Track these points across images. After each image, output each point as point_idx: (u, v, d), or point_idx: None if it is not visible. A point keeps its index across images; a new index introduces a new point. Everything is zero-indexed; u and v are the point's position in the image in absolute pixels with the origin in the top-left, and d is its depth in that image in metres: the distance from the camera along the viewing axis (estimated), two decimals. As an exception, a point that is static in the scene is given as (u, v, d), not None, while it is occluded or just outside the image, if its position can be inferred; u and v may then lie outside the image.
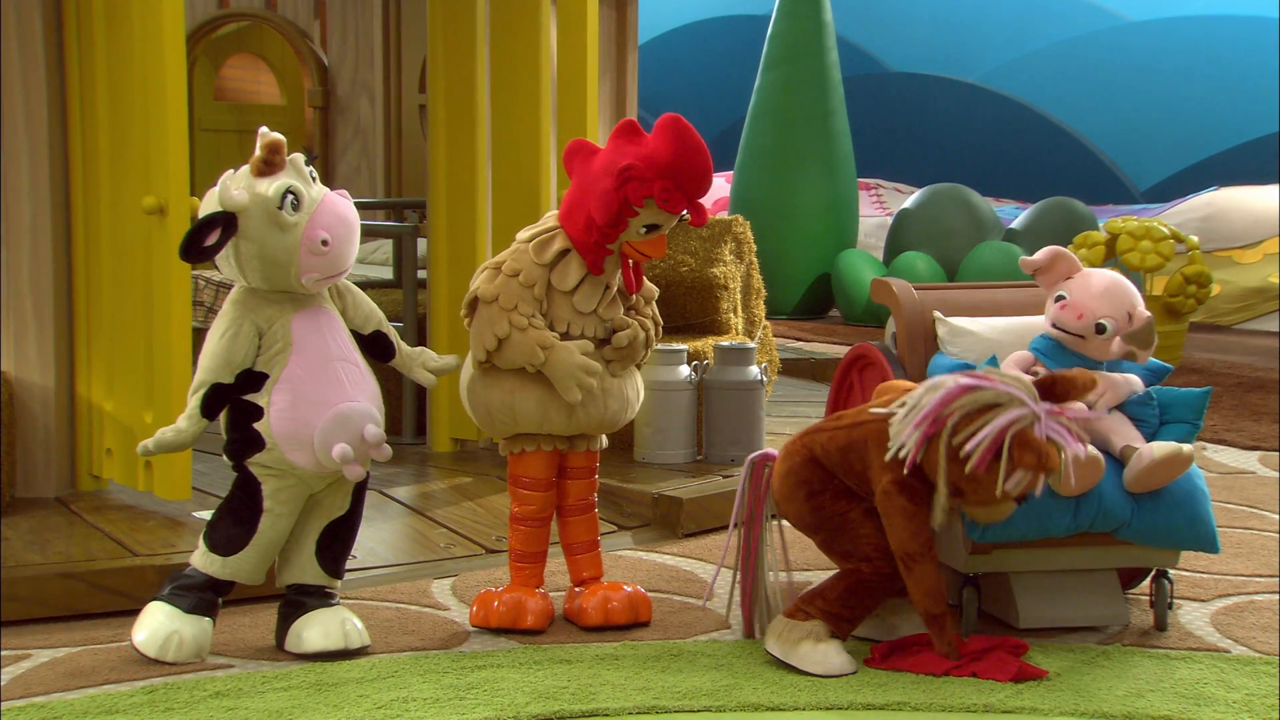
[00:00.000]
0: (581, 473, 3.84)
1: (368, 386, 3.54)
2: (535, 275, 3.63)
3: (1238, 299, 10.53)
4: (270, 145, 3.38)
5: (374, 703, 3.24)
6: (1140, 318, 3.75)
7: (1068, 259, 3.81)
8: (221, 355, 3.42)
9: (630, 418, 3.84)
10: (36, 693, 3.31)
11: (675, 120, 3.48)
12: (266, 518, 3.50)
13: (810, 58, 10.79)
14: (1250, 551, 4.58)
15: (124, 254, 4.51)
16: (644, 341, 3.73)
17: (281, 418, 3.43)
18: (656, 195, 3.48)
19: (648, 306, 3.79)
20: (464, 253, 5.50)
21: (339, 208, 3.44)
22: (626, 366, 3.74)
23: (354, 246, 3.50)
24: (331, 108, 8.90)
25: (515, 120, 5.37)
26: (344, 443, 3.43)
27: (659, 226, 3.57)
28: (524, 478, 3.78)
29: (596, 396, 3.67)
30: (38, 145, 4.62)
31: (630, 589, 3.82)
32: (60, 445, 4.71)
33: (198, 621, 3.49)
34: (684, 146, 3.46)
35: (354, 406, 3.47)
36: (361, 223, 3.55)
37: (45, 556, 4.01)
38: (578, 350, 3.60)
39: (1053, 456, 3.26)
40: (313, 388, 3.44)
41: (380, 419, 3.53)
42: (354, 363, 3.54)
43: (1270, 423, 6.80)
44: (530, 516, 3.80)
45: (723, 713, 3.23)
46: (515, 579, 3.83)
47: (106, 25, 4.52)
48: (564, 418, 3.68)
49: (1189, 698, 3.31)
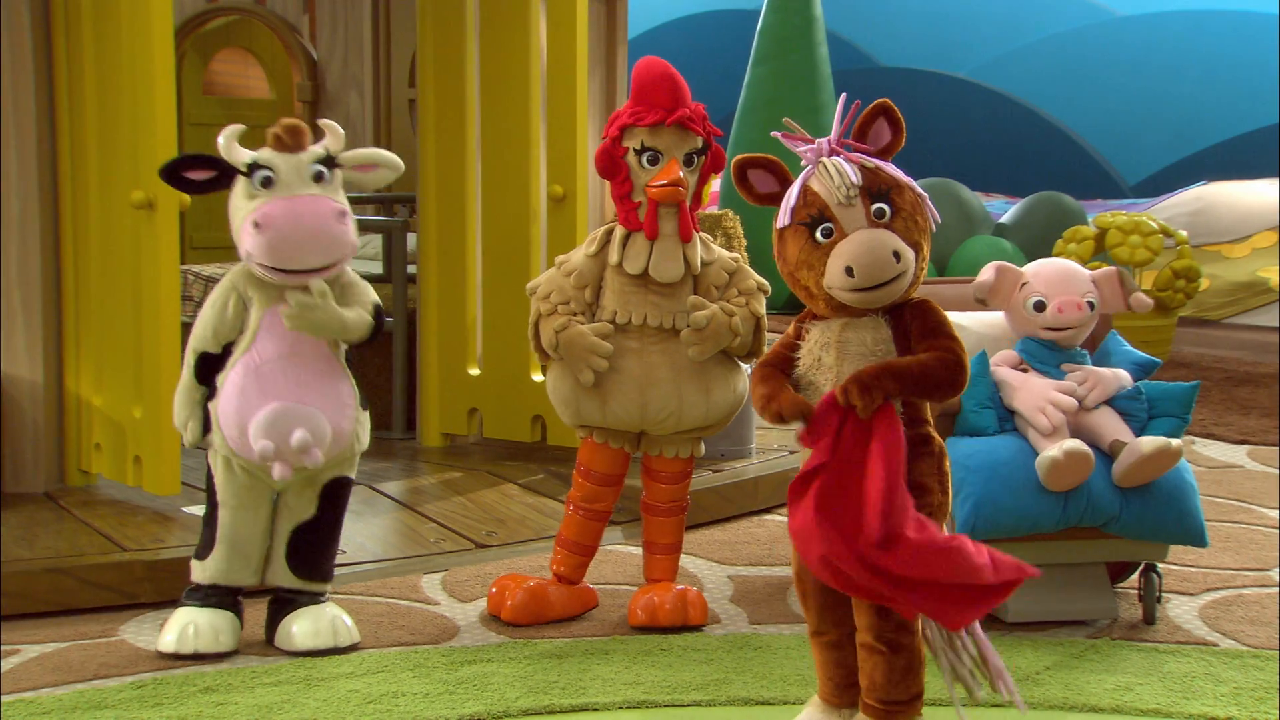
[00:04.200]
0: (662, 477, 3.82)
1: (328, 391, 3.47)
2: (578, 264, 3.69)
3: (1226, 293, 10.55)
4: (287, 125, 3.41)
5: (364, 697, 3.24)
6: (1107, 277, 3.78)
7: (1010, 270, 3.81)
8: (210, 324, 3.49)
9: (701, 424, 3.72)
10: (25, 688, 3.30)
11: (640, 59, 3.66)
12: (222, 511, 3.52)
13: (800, 52, 10.79)
14: (1239, 545, 4.60)
15: (113, 248, 4.50)
16: (728, 327, 3.63)
17: (228, 403, 3.44)
18: (630, 118, 3.61)
19: (744, 298, 3.70)
20: (454, 247, 5.49)
21: (297, 205, 3.35)
22: (708, 352, 3.63)
23: (295, 253, 3.34)
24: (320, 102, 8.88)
25: (505, 115, 5.37)
26: (271, 441, 3.38)
27: (657, 154, 3.59)
28: (581, 463, 3.82)
29: (627, 388, 3.64)
30: (25, 139, 4.61)
31: (683, 589, 3.78)
32: (49, 440, 4.70)
33: (214, 613, 3.52)
34: (642, 68, 3.64)
35: (293, 407, 3.41)
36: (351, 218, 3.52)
37: (34, 552, 4.01)
38: (591, 333, 3.61)
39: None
40: (263, 380, 3.43)
41: (326, 427, 3.44)
42: (320, 364, 3.48)
43: (1259, 417, 6.82)
44: (579, 502, 3.81)
45: (713, 707, 3.24)
46: (553, 562, 3.85)
47: (95, 19, 4.50)
48: (597, 407, 3.67)
49: (1177, 691, 3.32)
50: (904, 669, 2.77)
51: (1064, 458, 3.53)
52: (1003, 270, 3.80)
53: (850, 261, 2.67)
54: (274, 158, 3.39)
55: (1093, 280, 3.79)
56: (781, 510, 5.05)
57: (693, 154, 3.64)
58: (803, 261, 2.75)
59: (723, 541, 4.64)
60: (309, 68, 8.85)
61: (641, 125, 3.60)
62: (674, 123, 3.59)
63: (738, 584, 4.19)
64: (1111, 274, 3.81)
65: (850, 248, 2.68)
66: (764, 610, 3.93)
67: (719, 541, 4.64)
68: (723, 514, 4.91)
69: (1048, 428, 3.62)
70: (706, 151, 3.68)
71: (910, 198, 2.75)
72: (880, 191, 2.71)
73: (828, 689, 2.93)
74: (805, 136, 2.76)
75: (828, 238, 2.72)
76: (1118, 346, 3.92)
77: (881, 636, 2.77)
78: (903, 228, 2.71)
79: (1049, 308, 3.73)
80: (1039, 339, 3.78)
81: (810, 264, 2.74)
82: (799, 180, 2.78)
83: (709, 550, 4.53)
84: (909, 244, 2.71)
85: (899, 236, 2.70)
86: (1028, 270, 3.81)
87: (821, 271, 2.72)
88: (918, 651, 2.79)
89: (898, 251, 2.68)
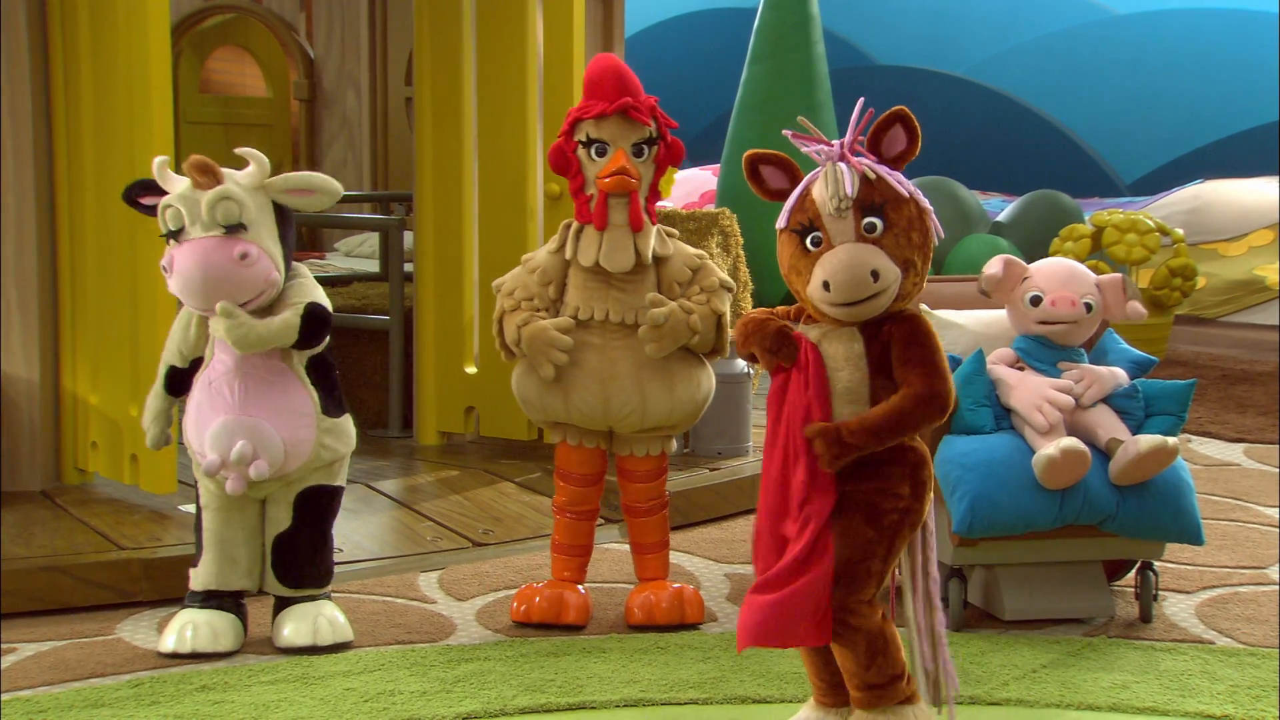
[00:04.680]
0: (635, 476, 3.81)
1: (279, 403, 3.47)
2: (542, 261, 3.71)
3: (1223, 292, 10.55)
4: (197, 164, 3.40)
5: (360, 696, 3.24)
6: (1111, 283, 3.78)
7: (1017, 264, 3.82)
8: (175, 340, 3.62)
9: (665, 421, 3.70)
10: (22, 686, 3.30)
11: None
12: (206, 514, 3.57)
13: (797, 51, 10.78)
14: (1235, 543, 4.60)
15: (109, 247, 4.49)
16: (686, 324, 3.61)
17: (188, 416, 3.54)
18: (578, 111, 3.66)
19: (705, 295, 3.68)
20: (450, 245, 5.49)
21: (194, 252, 3.34)
22: (666, 349, 3.62)
23: (204, 294, 3.35)
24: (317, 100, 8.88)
25: (502, 113, 5.37)
26: (218, 454, 3.43)
27: (604, 145, 3.61)
28: (559, 467, 3.82)
29: (589, 383, 3.64)
30: (22, 137, 4.61)
31: (679, 588, 3.79)
32: (45, 439, 4.70)
33: (213, 614, 3.54)
34: (591, 65, 3.70)
35: (238, 420, 3.44)
36: (348, 215, 3.55)
37: (30, 550, 4.00)
38: (552, 327, 3.61)
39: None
40: (213, 394, 3.48)
41: (276, 438, 3.44)
42: (271, 376, 3.49)
43: (1255, 415, 6.82)
44: (564, 507, 3.81)
45: (710, 705, 3.24)
46: (553, 569, 3.84)
47: (91, 17, 4.50)
48: (560, 403, 3.67)
49: (1174, 689, 3.32)
50: (866, 651, 2.75)
51: (1060, 456, 3.53)
52: (1010, 264, 3.81)
53: (828, 276, 2.67)
54: (181, 200, 3.40)
55: (1096, 284, 3.79)
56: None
57: (641, 144, 3.63)
58: (793, 267, 2.75)
59: (719, 540, 4.64)
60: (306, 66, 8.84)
61: (588, 117, 3.63)
62: (615, 111, 3.60)
63: (734, 582, 4.19)
64: (1116, 280, 3.80)
65: (830, 262, 2.67)
66: (761, 608, 3.93)
67: (716, 540, 4.64)
68: (719, 512, 4.91)
69: (1044, 425, 3.62)
70: (657, 142, 3.66)
71: (909, 212, 2.71)
72: (874, 205, 2.69)
73: (819, 690, 2.93)
74: (820, 137, 2.74)
75: (816, 247, 2.71)
76: (1114, 345, 3.92)
77: (836, 621, 2.75)
78: (893, 243, 2.69)
79: (1043, 301, 3.74)
80: (1035, 336, 3.78)
81: (799, 270, 2.74)
82: (804, 181, 2.77)
83: (706, 548, 4.53)
84: (898, 261, 2.69)
85: (887, 253, 2.68)
86: (1033, 266, 3.82)
87: (808, 279, 2.72)
88: (878, 633, 2.76)
89: (877, 270, 2.66)
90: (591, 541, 3.86)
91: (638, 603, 3.76)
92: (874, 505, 2.75)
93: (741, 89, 11.06)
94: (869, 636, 2.75)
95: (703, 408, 3.78)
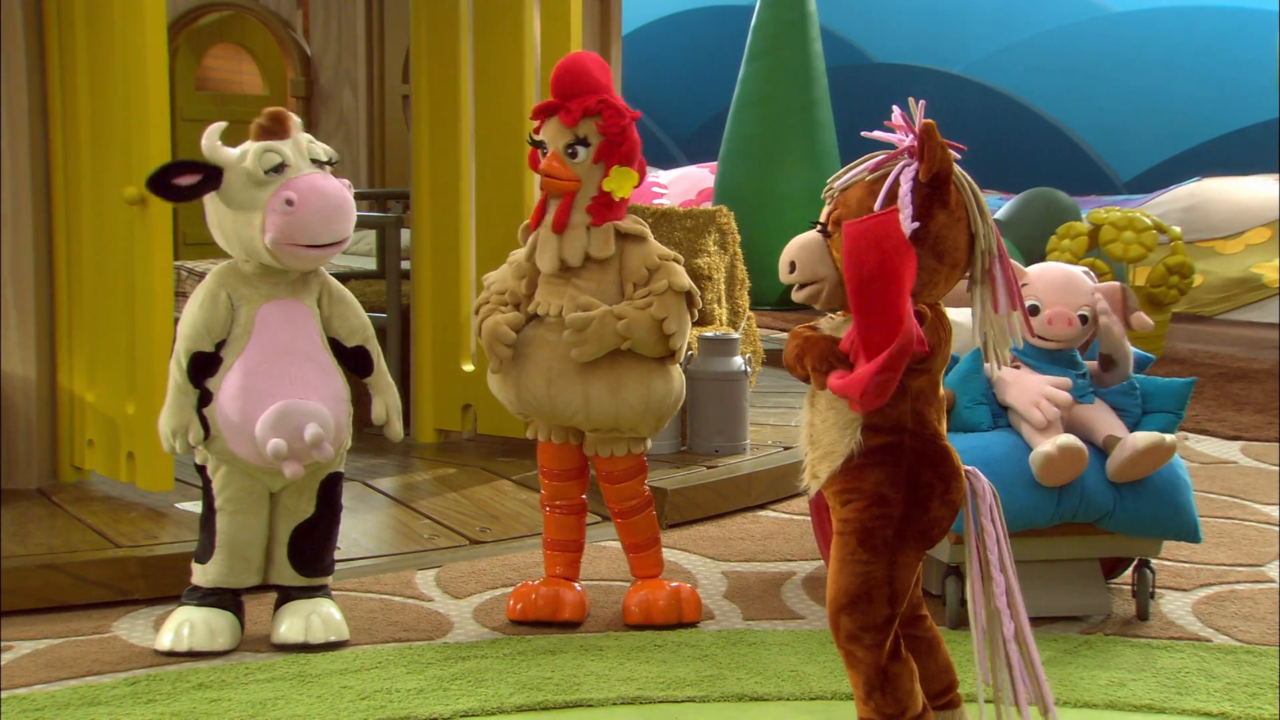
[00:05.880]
0: (610, 476, 3.79)
1: (325, 387, 3.48)
2: (518, 256, 3.73)
3: (1220, 289, 10.56)
4: (272, 113, 3.43)
5: (357, 694, 3.24)
6: (1110, 293, 3.76)
7: (1015, 267, 3.79)
8: (201, 322, 3.46)
9: (611, 423, 3.64)
10: (18, 684, 3.30)
11: None
12: (220, 516, 3.52)
13: (794, 48, 10.78)
14: (1232, 541, 4.60)
15: (106, 244, 4.49)
16: (613, 330, 3.54)
17: (229, 405, 3.42)
18: (535, 113, 3.67)
19: (651, 299, 3.59)
20: (447, 243, 5.49)
21: (317, 180, 3.42)
22: (589, 354, 3.55)
23: (330, 224, 3.40)
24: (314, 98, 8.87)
25: (499, 110, 5.36)
26: (281, 439, 3.37)
27: (545, 146, 3.62)
28: (540, 462, 3.84)
29: (535, 377, 3.62)
30: (18, 135, 4.60)
31: (676, 586, 3.78)
32: (42, 436, 4.69)
33: (211, 612, 3.53)
34: (557, 64, 3.67)
35: (298, 404, 3.40)
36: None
37: (27, 548, 4.00)
38: (503, 321, 3.63)
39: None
40: (263, 380, 3.42)
41: (331, 421, 3.44)
42: (315, 361, 3.49)
43: (1252, 412, 6.83)
44: (548, 502, 3.83)
45: (707, 703, 3.24)
46: (545, 566, 3.84)
47: (88, 14, 4.49)
48: (514, 396, 3.69)
49: (1171, 687, 3.33)
50: (864, 685, 2.70)
51: (1058, 453, 3.53)
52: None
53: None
54: (275, 144, 3.41)
55: (1093, 295, 3.75)
56: (775, 506, 5.05)
57: (574, 145, 3.57)
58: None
59: (717, 538, 4.64)
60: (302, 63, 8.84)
61: (539, 119, 3.65)
62: (539, 114, 3.62)
63: (732, 580, 4.19)
64: (1115, 290, 3.78)
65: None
66: (758, 606, 3.93)
67: (713, 538, 4.63)
68: (717, 510, 4.91)
69: (1042, 422, 3.62)
70: (593, 143, 3.57)
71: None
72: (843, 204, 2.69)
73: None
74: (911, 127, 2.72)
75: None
76: (1112, 343, 3.91)
77: (843, 650, 2.73)
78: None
79: (1041, 315, 3.70)
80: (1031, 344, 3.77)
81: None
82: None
83: (703, 546, 4.53)
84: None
85: (831, 251, 2.67)
86: (1031, 272, 3.78)
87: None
88: (877, 671, 2.69)
89: (794, 262, 2.69)
90: (582, 537, 3.86)
91: (635, 602, 3.76)
92: (863, 525, 2.67)
93: (739, 86, 11.07)
94: (868, 672, 2.70)
95: (661, 411, 3.68)
